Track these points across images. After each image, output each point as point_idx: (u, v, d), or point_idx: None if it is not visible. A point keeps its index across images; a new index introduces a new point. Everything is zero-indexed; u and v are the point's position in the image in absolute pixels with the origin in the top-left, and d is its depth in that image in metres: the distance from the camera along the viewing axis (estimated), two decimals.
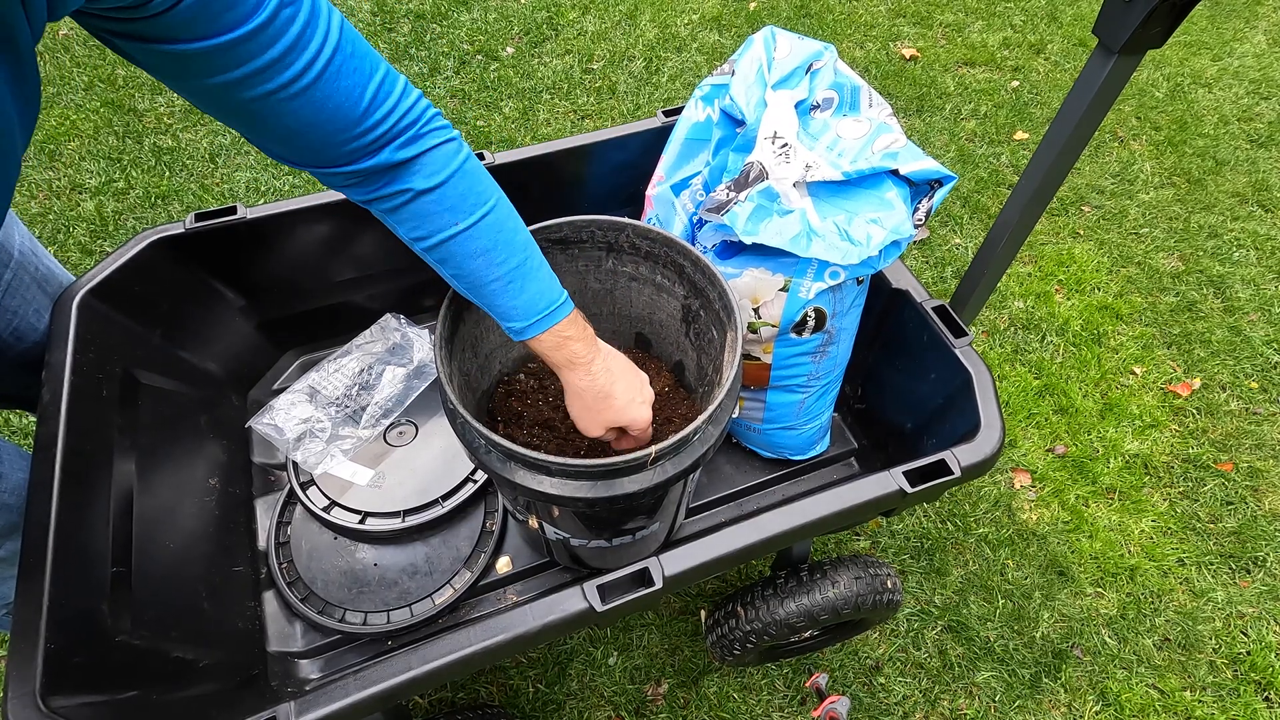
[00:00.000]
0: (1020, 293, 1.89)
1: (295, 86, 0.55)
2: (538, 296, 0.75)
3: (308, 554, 1.07)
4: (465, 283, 0.74)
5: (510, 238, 0.73)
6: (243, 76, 0.52)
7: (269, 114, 0.56)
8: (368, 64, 0.59)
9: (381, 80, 0.60)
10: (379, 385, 1.19)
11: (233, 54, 0.51)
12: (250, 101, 0.54)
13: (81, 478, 0.84)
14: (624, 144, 1.22)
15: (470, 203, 0.69)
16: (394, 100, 0.62)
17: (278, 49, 0.52)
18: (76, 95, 2.21)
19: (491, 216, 0.71)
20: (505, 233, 0.72)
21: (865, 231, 0.87)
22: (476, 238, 0.70)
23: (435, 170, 0.66)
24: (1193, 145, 2.25)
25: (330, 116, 0.58)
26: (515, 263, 0.73)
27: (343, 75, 0.57)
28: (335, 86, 0.57)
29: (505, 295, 0.74)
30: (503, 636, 0.73)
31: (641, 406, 0.82)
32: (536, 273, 0.75)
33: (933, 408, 1.05)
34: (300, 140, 0.60)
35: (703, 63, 2.42)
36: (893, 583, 1.07)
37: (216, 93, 0.54)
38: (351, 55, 0.57)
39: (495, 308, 0.75)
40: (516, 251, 0.73)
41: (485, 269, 0.72)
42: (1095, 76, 0.76)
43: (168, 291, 1.09)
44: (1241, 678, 1.34)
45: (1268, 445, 1.62)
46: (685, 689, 1.30)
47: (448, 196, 0.68)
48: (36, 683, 0.68)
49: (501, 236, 0.72)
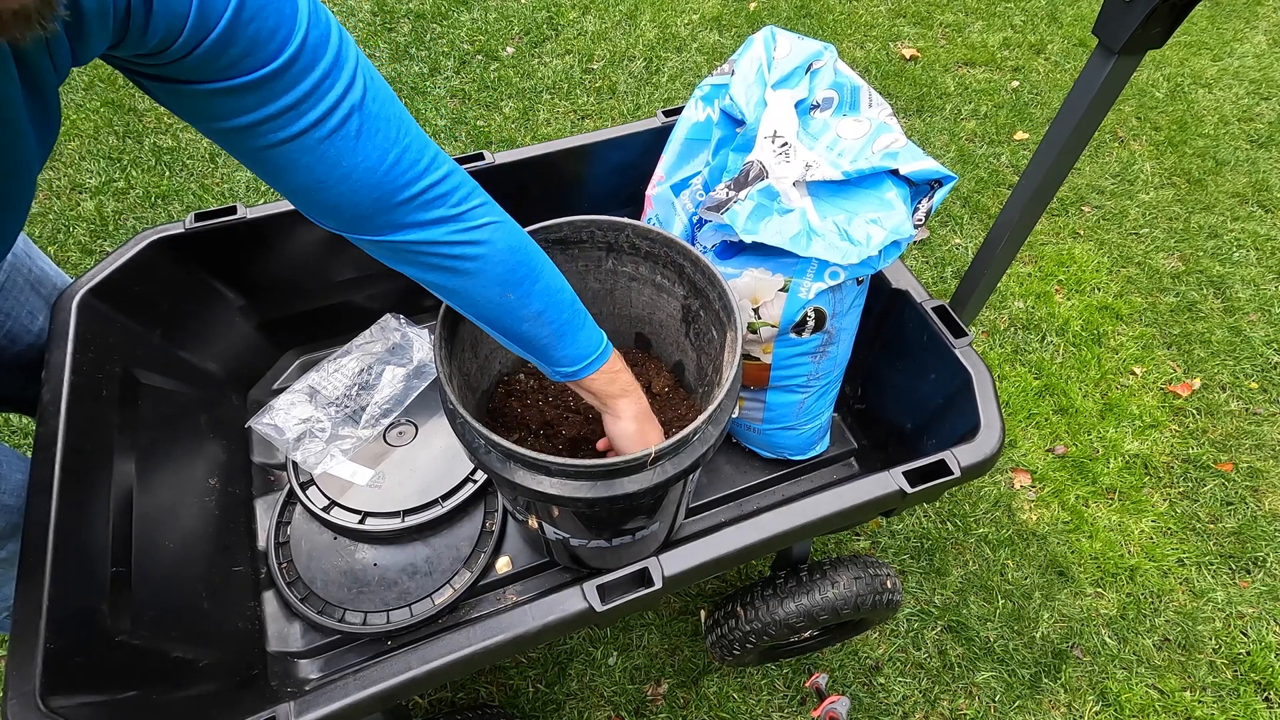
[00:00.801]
0: (1020, 293, 1.89)
1: (310, 137, 0.54)
2: (587, 342, 0.77)
3: (307, 554, 1.07)
4: (515, 340, 0.75)
5: (559, 296, 0.74)
6: (257, 121, 0.52)
7: (286, 165, 0.56)
8: (394, 128, 0.58)
9: (407, 147, 0.59)
10: (379, 385, 1.19)
11: (248, 97, 0.51)
12: (267, 149, 0.54)
13: (81, 477, 0.84)
14: (624, 144, 1.22)
15: (522, 273, 0.69)
16: (420, 170, 0.60)
17: (293, 95, 0.52)
18: (76, 95, 2.21)
19: (542, 281, 0.72)
20: (555, 292, 0.73)
21: (865, 231, 0.87)
22: (530, 302, 0.71)
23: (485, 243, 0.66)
24: (1193, 145, 2.25)
25: (346, 174, 0.57)
26: (566, 316, 0.75)
27: (363, 134, 0.56)
28: (351, 145, 0.56)
29: (558, 347, 0.76)
30: (502, 636, 0.73)
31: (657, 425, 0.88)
32: (585, 321, 0.77)
33: (933, 408, 1.05)
34: (320, 198, 0.59)
35: (703, 63, 2.42)
36: (892, 583, 1.07)
37: (235, 137, 0.54)
38: (375, 116, 0.56)
39: (546, 358, 0.77)
40: (565, 307, 0.74)
41: (538, 327, 0.74)
42: (1095, 77, 0.76)
43: (168, 291, 1.09)
44: (1241, 678, 1.34)
45: (1268, 445, 1.62)
46: (685, 689, 1.30)
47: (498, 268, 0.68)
48: (36, 683, 0.68)
49: (553, 296, 0.73)
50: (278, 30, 0.49)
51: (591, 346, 0.78)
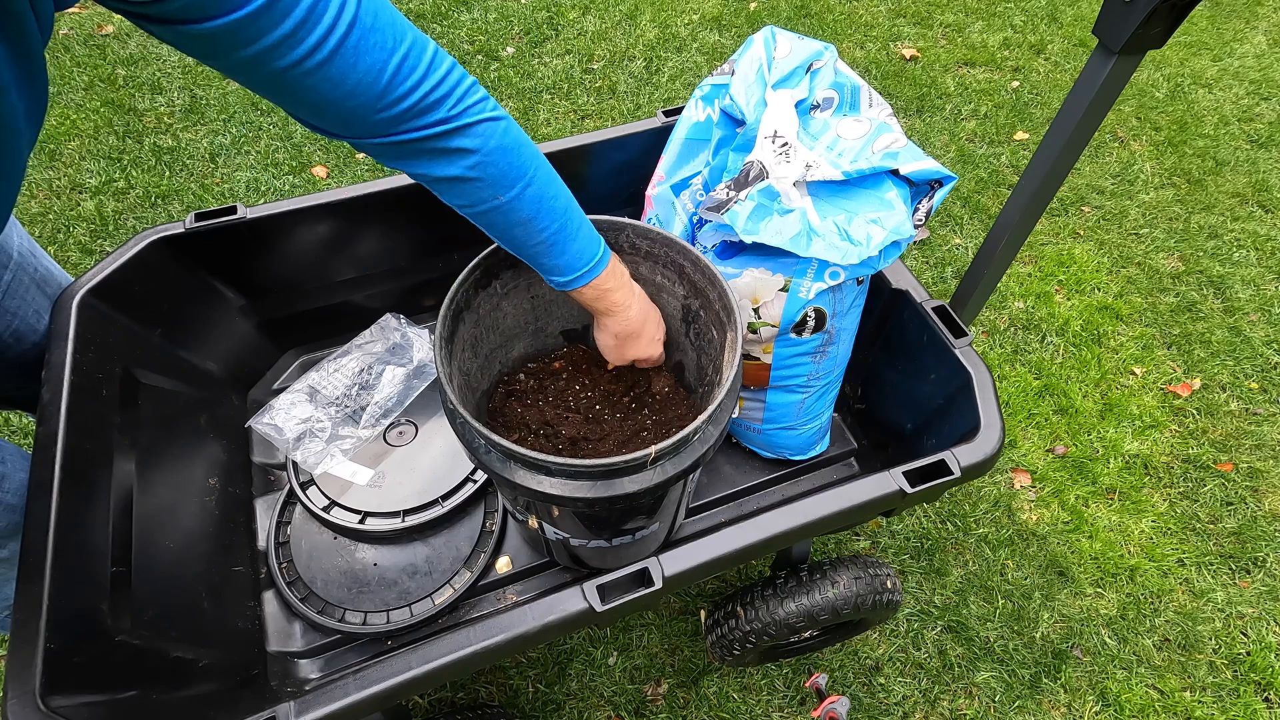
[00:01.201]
0: (1020, 293, 1.89)
1: (311, 60, 0.55)
2: (577, 256, 0.79)
3: (307, 554, 1.07)
4: (508, 245, 0.78)
5: (551, 205, 0.75)
6: (259, 52, 0.53)
7: (295, 86, 0.57)
8: (390, 37, 0.59)
9: (406, 54, 0.61)
10: (379, 385, 1.19)
11: (245, 31, 0.52)
12: (275, 75, 0.56)
13: (81, 477, 0.84)
14: (624, 144, 1.22)
15: (511, 177, 0.71)
16: (420, 74, 0.62)
17: (288, 24, 0.53)
18: (76, 95, 2.21)
19: (533, 188, 0.73)
20: (546, 200, 0.74)
21: (865, 231, 0.87)
22: (519, 209, 0.73)
23: (473, 148, 0.67)
24: (1193, 146, 2.25)
25: (352, 90, 0.59)
26: (556, 227, 0.76)
27: (361, 50, 0.57)
28: (354, 60, 0.57)
29: (549, 256, 0.78)
30: (502, 636, 0.73)
31: (657, 344, 0.93)
32: (577, 233, 0.78)
33: (933, 408, 1.05)
34: (329, 112, 0.61)
35: (703, 63, 2.42)
36: (892, 583, 1.07)
37: (242, 67, 0.55)
38: (371, 29, 0.58)
39: (539, 265, 0.80)
40: (557, 216, 0.76)
41: (527, 235, 0.76)
42: (1095, 77, 0.76)
43: (168, 291, 1.09)
44: (1241, 678, 1.34)
45: (1268, 446, 1.62)
46: (685, 689, 1.30)
47: (488, 173, 0.69)
48: (36, 682, 0.68)
49: (543, 205, 0.74)
50: None
51: (582, 260, 0.79)
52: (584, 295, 0.83)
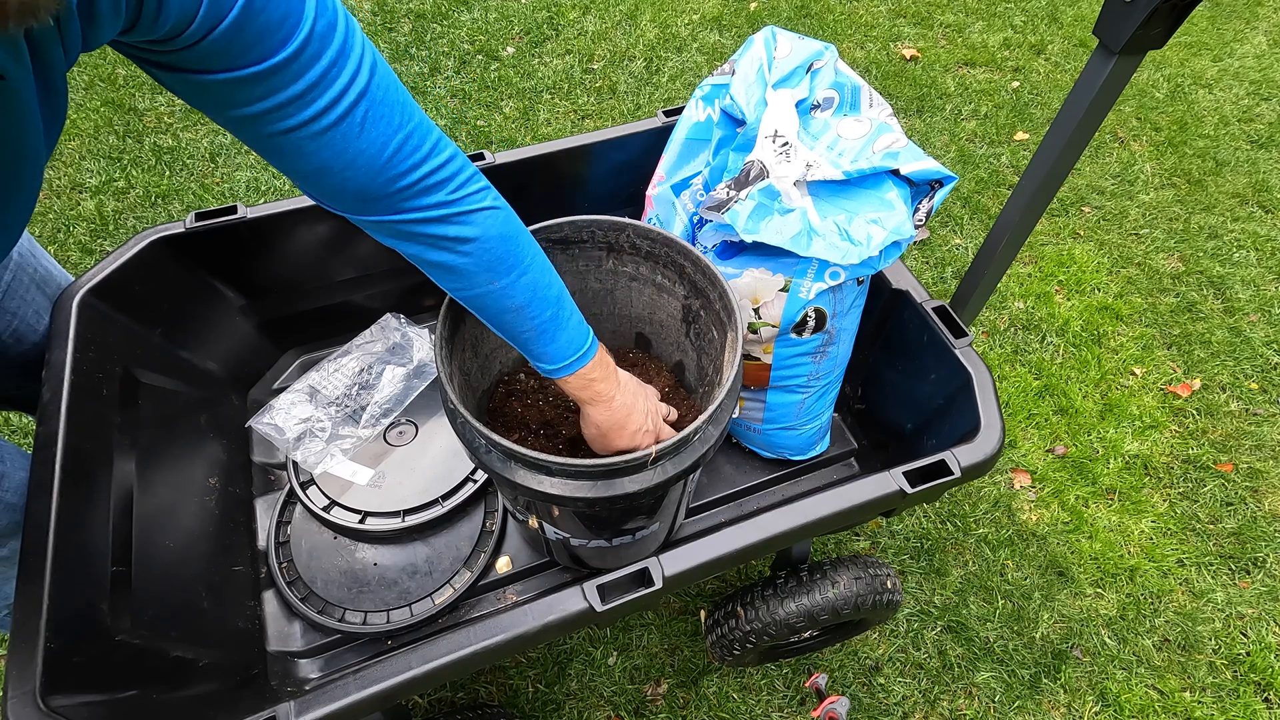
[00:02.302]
0: (1020, 293, 1.89)
1: (317, 125, 0.55)
2: (567, 345, 0.78)
3: (308, 553, 1.07)
4: (497, 329, 0.77)
5: (544, 294, 0.75)
6: (265, 111, 0.53)
7: (293, 151, 0.57)
8: (399, 114, 0.59)
9: (411, 133, 0.60)
10: (379, 385, 1.19)
11: (256, 87, 0.52)
12: (275, 137, 0.55)
13: (81, 477, 0.84)
14: (624, 144, 1.22)
15: (507, 264, 0.71)
16: (423, 155, 0.62)
17: (300, 85, 0.53)
18: (77, 95, 2.21)
19: (527, 276, 0.73)
20: (540, 289, 0.74)
21: (865, 231, 0.87)
22: (512, 295, 0.72)
23: (475, 232, 0.67)
24: (1193, 146, 2.25)
25: (351, 161, 0.58)
26: (548, 315, 0.76)
27: (369, 121, 0.57)
28: (359, 130, 0.57)
29: (538, 343, 0.77)
30: (502, 636, 0.73)
31: (647, 435, 0.88)
32: (567, 322, 0.78)
33: (933, 408, 1.05)
34: (325, 182, 0.60)
35: (703, 63, 2.42)
36: (892, 583, 1.07)
37: (243, 125, 0.55)
38: (381, 102, 0.57)
39: (527, 351, 0.79)
40: (549, 305, 0.75)
41: (518, 321, 0.75)
42: (1096, 77, 0.76)
43: (168, 291, 1.09)
44: (1241, 679, 1.34)
45: (1267, 446, 1.62)
46: (685, 689, 1.30)
47: (484, 259, 0.69)
48: (36, 682, 0.68)
49: (536, 293, 0.74)
50: (286, 19, 0.50)
51: (570, 350, 0.79)
52: (569, 384, 0.82)
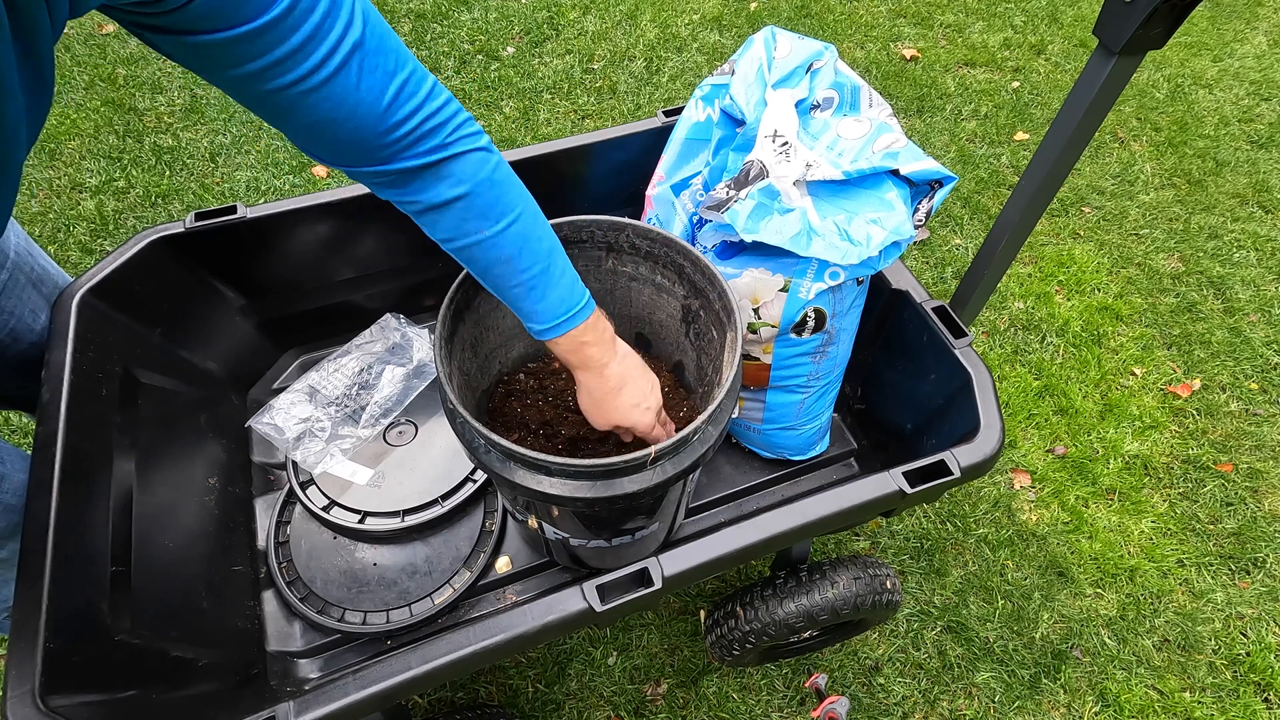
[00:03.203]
0: (1020, 293, 1.89)
1: (314, 79, 0.55)
2: (558, 302, 0.76)
3: (307, 553, 1.07)
4: (488, 283, 0.76)
5: (535, 246, 0.74)
6: (262, 69, 0.53)
7: (291, 107, 0.57)
8: (393, 61, 0.59)
9: (406, 79, 0.60)
10: (379, 385, 1.19)
11: (251, 46, 0.51)
12: (272, 94, 0.55)
13: (81, 477, 0.84)
14: (624, 144, 1.22)
15: (497, 211, 0.70)
16: (419, 100, 0.61)
17: (295, 40, 0.52)
18: (77, 94, 2.21)
19: (517, 225, 0.72)
20: (530, 241, 0.73)
21: (865, 231, 0.87)
22: (501, 245, 0.71)
23: (463, 178, 0.67)
24: (1193, 146, 2.25)
25: (350, 112, 0.58)
26: (538, 270, 0.74)
27: (364, 71, 0.57)
28: (354, 82, 0.57)
29: (527, 299, 0.76)
30: (502, 636, 0.73)
31: (645, 412, 0.85)
32: (559, 279, 0.76)
33: (932, 408, 1.04)
34: (324, 135, 0.60)
35: (703, 63, 2.42)
36: (892, 583, 1.07)
37: (240, 84, 0.54)
38: (376, 51, 0.57)
39: (517, 308, 0.77)
40: (540, 259, 0.74)
41: (508, 274, 0.74)
42: (1096, 77, 0.76)
43: (168, 290, 1.09)
44: (1241, 679, 1.34)
45: (1267, 446, 1.62)
46: (684, 689, 1.30)
47: (475, 205, 0.68)
48: (36, 682, 0.68)
49: (527, 245, 0.73)
50: None
51: (562, 308, 0.77)
52: (560, 347, 0.79)
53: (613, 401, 0.83)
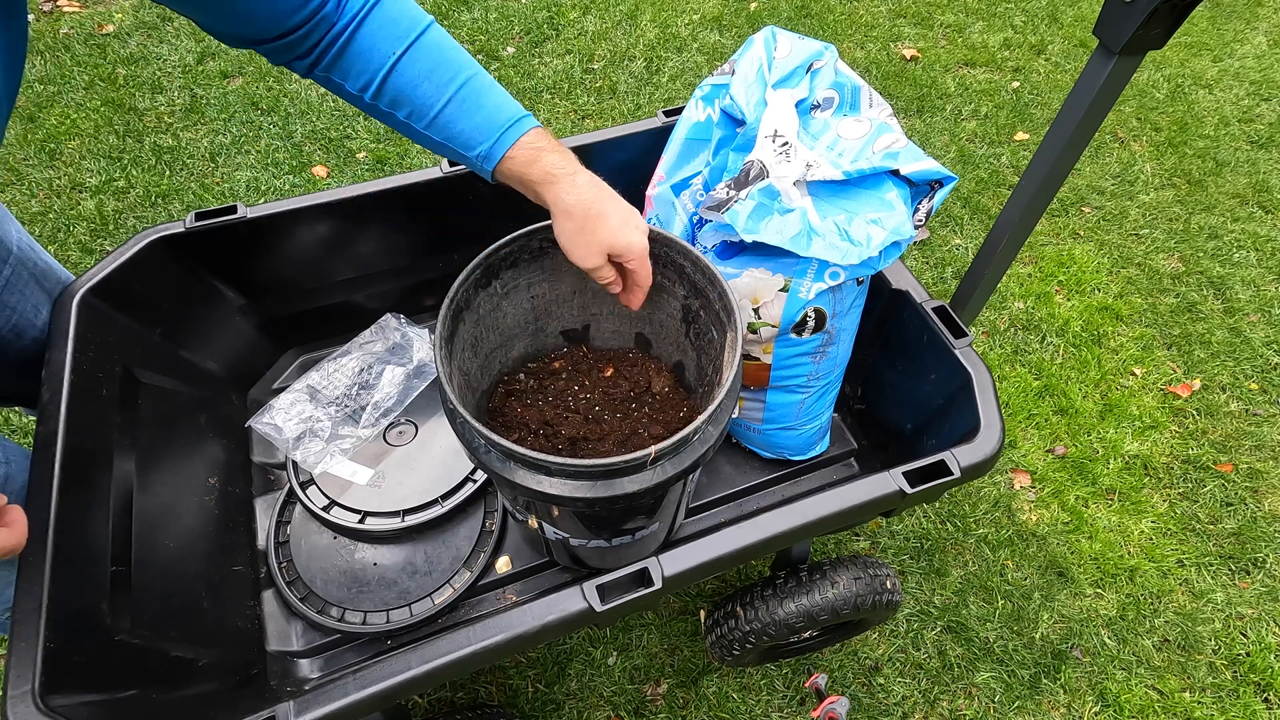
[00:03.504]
0: (1020, 293, 1.89)
1: None
2: (495, 111, 0.73)
3: (307, 553, 1.07)
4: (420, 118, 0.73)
5: (452, 56, 0.73)
6: None
7: None
8: None
9: None
10: (379, 385, 1.19)
11: None
12: None
13: (81, 477, 0.84)
14: (624, 144, 1.22)
15: (404, 27, 0.70)
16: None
17: None
18: (77, 94, 2.21)
19: (427, 37, 0.71)
20: (446, 50, 0.73)
21: (865, 232, 0.87)
22: (417, 61, 0.71)
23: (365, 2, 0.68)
24: (1193, 146, 2.25)
25: None
26: (463, 79, 0.72)
27: None
28: None
29: (461, 117, 0.71)
30: (502, 636, 0.73)
31: (637, 231, 0.76)
32: (489, 89, 0.74)
33: (933, 408, 1.04)
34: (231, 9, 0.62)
35: (703, 63, 2.42)
36: (892, 583, 1.07)
37: None
38: None
39: (457, 136, 0.73)
40: (463, 69, 0.73)
41: (433, 92, 0.71)
42: (1096, 77, 0.76)
43: (168, 290, 1.09)
44: (1241, 679, 1.34)
45: (1267, 446, 1.62)
46: (684, 689, 1.30)
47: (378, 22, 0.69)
48: (36, 682, 0.68)
49: (443, 55, 0.72)
50: None
51: (503, 115, 0.72)
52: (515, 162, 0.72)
53: (600, 220, 0.74)
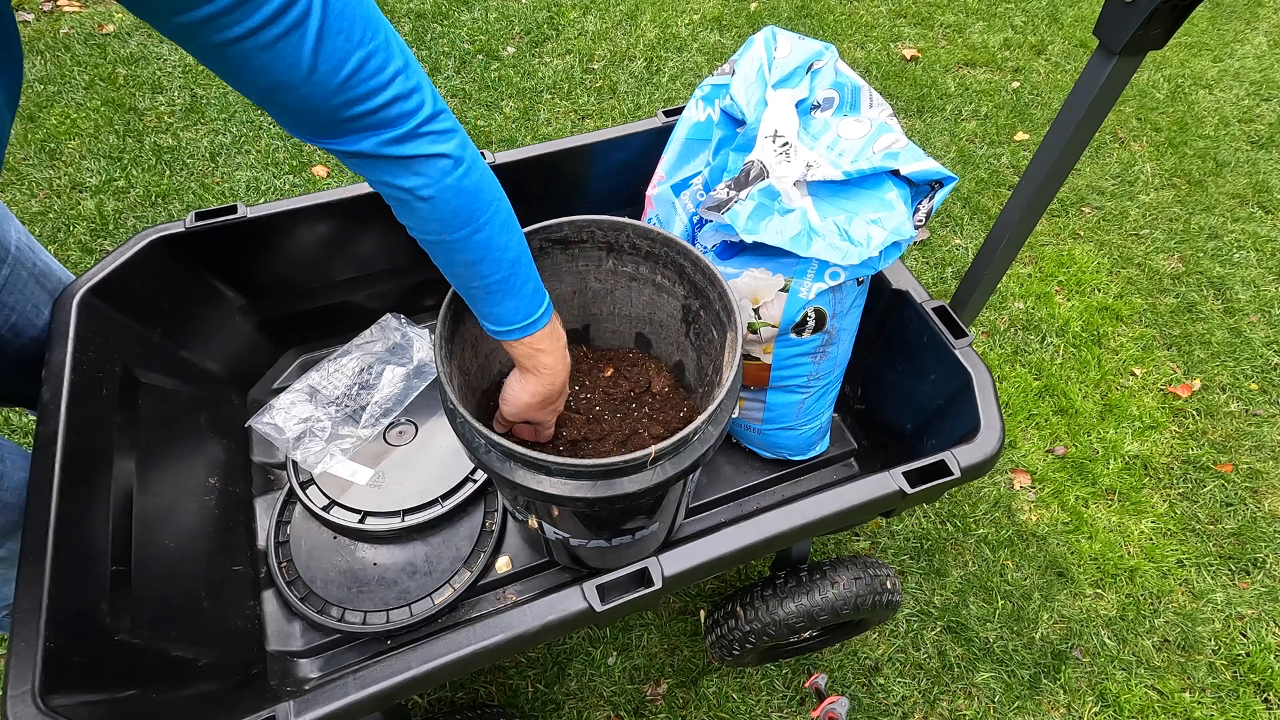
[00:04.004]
0: (1020, 294, 1.89)
1: (267, 33, 0.51)
2: (515, 310, 0.77)
3: (307, 553, 1.07)
4: (449, 277, 0.76)
5: (498, 255, 0.73)
6: (210, 16, 0.49)
7: (243, 63, 0.52)
8: (359, 32, 0.55)
9: (370, 54, 0.56)
10: (379, 385, 1.19)
11: None
12: (221, 47, 0.51)
13: (81, 477, 0.84)
14: (624, 144, 1.22)
15: (461, 220, 0.68)
16: (382, 80, 0.57)
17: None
18: (77, 94, 2.21)
19: (482, 234, 0.71)
20: (494, 250, 0.72)
21: (865, 232, 0.87)
22: (464, 250, 0.71)
23: (427, 181, 0.64)
24: (1193, 146, 2.25)
25: (305, 78, 0.54)
26: (500, 277, 0.74)
27: (325, 33, 0.53)
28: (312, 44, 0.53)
29: (485, 302, 0.76)
30: (502, 636, 0.73)
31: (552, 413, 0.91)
32: (520, 288, 0.76)
33: (933, 408, 1.04)
34: (278, 99, 0.56)
35: (703, 63, 2.42)
36: (892, 583, 1.07)
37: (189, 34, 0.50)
38: (340, 14, 0.53)
39: (474, 307, 0.78)
40: (503, 268, 0.74)
41: (469, 276, 0.74)
42: (1096, 77, 0.76)
43: (168, 290, 1.09)
44: (1240, 679, 1.34)
45: (1267, 447, 1.62)
46: (684, 689, 1.30)
47: (439, 210, 0.67)
48: (36, 681, 0.68)
49: (490, 254, 0.72)
50: None
51: (519, 317, 0.77)
52: (514, 349, 0.80)
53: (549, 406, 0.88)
